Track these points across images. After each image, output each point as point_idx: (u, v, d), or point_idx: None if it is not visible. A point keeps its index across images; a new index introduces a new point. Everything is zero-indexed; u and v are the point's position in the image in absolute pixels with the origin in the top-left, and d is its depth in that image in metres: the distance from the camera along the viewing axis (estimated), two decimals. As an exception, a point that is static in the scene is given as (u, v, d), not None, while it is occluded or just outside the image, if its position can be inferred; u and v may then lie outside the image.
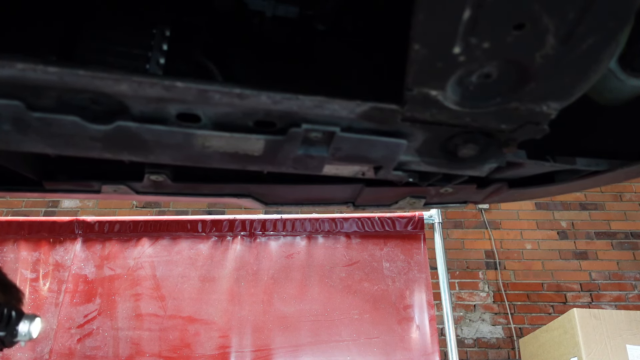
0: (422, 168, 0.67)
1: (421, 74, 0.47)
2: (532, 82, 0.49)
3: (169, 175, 0.77)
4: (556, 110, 0.53)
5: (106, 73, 0.48)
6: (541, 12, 0.41)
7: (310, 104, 0.52)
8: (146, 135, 0.56)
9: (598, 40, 0.44)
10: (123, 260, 2.44)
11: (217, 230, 2.52)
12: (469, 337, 3.82)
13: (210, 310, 2.32)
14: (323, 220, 2.52)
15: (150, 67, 0.59)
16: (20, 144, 0.58)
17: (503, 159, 0.65)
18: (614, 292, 3.99)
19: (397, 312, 2.31)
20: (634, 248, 4.19)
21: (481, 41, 0.44)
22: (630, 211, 4.37)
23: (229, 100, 0.51)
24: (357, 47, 0.67)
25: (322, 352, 2.23)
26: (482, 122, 0.55)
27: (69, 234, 2.50)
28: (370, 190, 0.84)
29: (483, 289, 4.01)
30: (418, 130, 0.58)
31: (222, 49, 0.68)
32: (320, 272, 2.41)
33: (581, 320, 2.65)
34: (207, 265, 2.43)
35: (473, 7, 0.40)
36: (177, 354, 2.22)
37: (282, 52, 0.69)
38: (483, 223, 4.28)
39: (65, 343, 2.23)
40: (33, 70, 0.47)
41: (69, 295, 2.34)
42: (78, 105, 0.53)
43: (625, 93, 0.62)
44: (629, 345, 2.56)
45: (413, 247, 2.47)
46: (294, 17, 0.63)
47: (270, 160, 0.63)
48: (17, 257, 2.42)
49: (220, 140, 0.57)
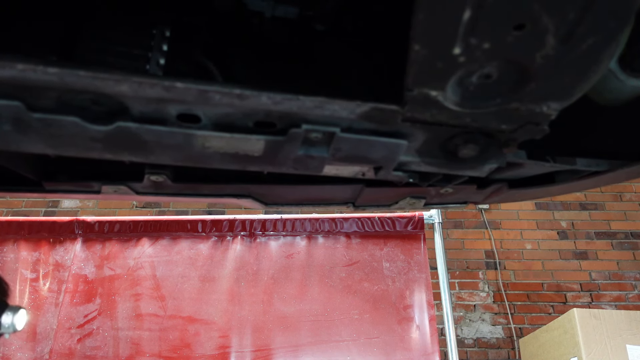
0: (422, 168, 0.67)
1: (421, 75, 0.47)
2: (532, 82, 0.49)
3: (169, 175, 0.77)
4: (556, 111, 0.53)
5: (106, 74, 0.48)
6: (541, 12, 0.41)
7: (310, 105, 0.52)
8: (146, 135, 0.56)
9: (598, 41, 0.44)
10: (123, 260, 2.44)
11: (217, 230, 2.52)
12: (469, 337, 3.82)
13: (210, 310, 2.32)
14: (323, 220, 2.52)
15: (150, 67, 0.59)
16: (20, 144, 0.58)
17: (503, 159, 0.65)
18: (614, 292, 3.99)
19: (397, 312, 2.31)
20: (634, 248, 4.19)
21: (481, 41, 0.44)
22: (630, 211, 4.37)
23: (229, 100, 0.51)
24: (357, 47, 0.67)
25: (322, 352, 2.23)
26: (482, 122, 0.55)
27: (69, 234, 2.50)
28: (371, 191, 0.84)
29: (483, 289, 4.01)
30: (418, 130, 0.58)
31: (222, 49, 0.68)
32: (320, 272, 2.41)
33: (581, 320, 2.65)
34: (207, 265, 2.43)
35: (473, 7, 0.40)
36: (177, 354, 2.22)
37: (282, 53, 0.69)
38: (483, 223, 4.28)
39: (65, 343, 2.23)
40: (33, 70, 0.47)
41: (69, 295, 2.34)
42: (78, 105, 0.53)
43: (625, 93, 0.62)
44: (629, 345, 2.56)
45: (413, 247, 2.47)
46: (294, 18, 0.63)
47: (270, 161, 0.63)
48: (17, 257, 2.42)
49: (221, 141, 0.57)
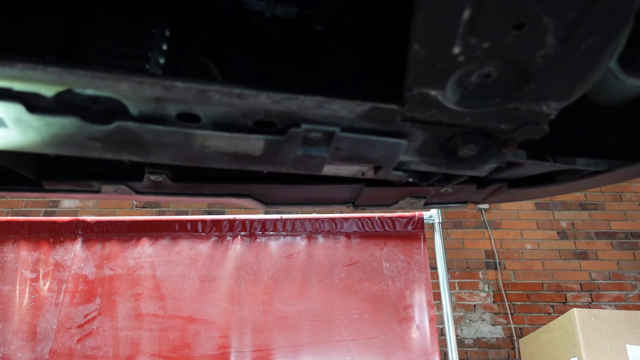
0: (422, 168, 0.67)
1: (421, 74, 0.47)
2: (532, 82, 0.49)
3: (169, 175, 0.77)
4: (556, 110, 0.53)
5: (106, 73, 0.48)
6: (541, 12, 0.41)
7: (310, 104, 0.52)
8: (146, 135, 0.56)
9: (598, 40, 0.44)
10: (123, 260, 2.44)
11: (217, 230, 2.52)
12: (469, 337, 3.82)
13: (210, 310, 2.32)
14: (323, 220, 2.52)
15: (150, 67, 0.59)
16: (20, 144, 0.58)
17: (503, 159, 0.65)
18: (614, 292, 3.99)
19: (397, 312, 2.31)
20: (634, 248, 4.19)
21: (481, 41, 0.44)
22: (630, 211, 4.37)
23: (229, 100, 0.51)
24: (357, 47, 0.67)
25: (322, 352, 2.23)
26: (482, 122, 0.55)
27: (69, 234, 2.50)
28: (370, 190, 0.84)
29: (483, 289, 4.01)
30: (418, 130, 0.58)
31: (222, 49, 0.68)
32: (320, 272, 2.41)
33: (581, 320, 2.65)
34: (207, 265, 2.43)
35: (473, 7, 0.40)
36: (177, 354, 2.22)
37: (282, 52, 0.69)
38: (483, 223, 4.28)
39: (65, 343, 2.23)
40: (33, 70, 0.47)
41: (69, 295, 2.34)
42: (78, 105, 0.53)
43: (625, 93, 0.62)
44: (629, 345, 2.56)
45: (413, 247, 2.47)
46: (293, 18, 0.63)
47: (270, 160, 0.63)
48: (17, 257, 2.42)
49: (220, 140, 0.57)
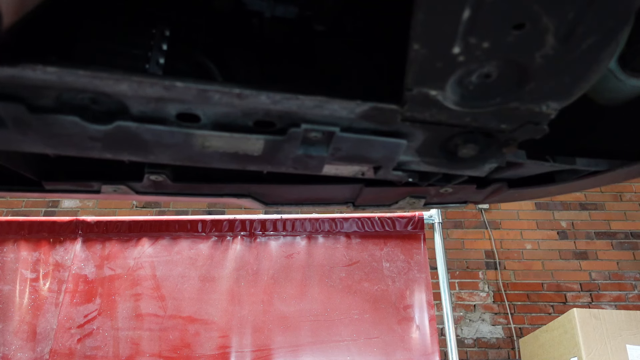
0: (422, 168, 0.67)
1: (421, 74, 0.47)
2: (532, 82, 0.49)
3: (168, 175, 0.77)
4: (556, 110, 0.53)
5: (106, 73, 0.48)
6: (541, 12, 0.41)
7: (310, 104, 0.52)
8: (146, 135, 0.56)
9: (598, 40, 0.44)
10: (123, 260, 2.44)
11: (217, 230, 2.52)
12: (469, 337, 3.82)
13: (210, 310, 2.32)
14: (323, 220, 2.52)
15: (150, 67, 0.59)
16: (20, 144, 0.58)
17: (503, 159, 0.65)
18: (614, 292, 3.99)
19: (397, 312, 2.31)
20: (634, 248, 4.19)
21: (481, 41, 0.44)
22: (630, 211, 4.37)
23: (229, 100, 0.51)
24: (357, 47, 0.67)
25: (322, 352, 2.23)
26: (482, 122, 0.55)
27: (69, 234, 2.50)
28: (370, 190, 0.84)
29: (483, 289, 4.01)
30: (418, 130, 0.58)
31: (222, 49, 0.68)
32: (320, 272, 2.41)
33: (581, 320, 2.65)
34: (207, 265, 2.43)
35: (473, 7, 0.40)
36: (177, 354, 2.22)
37: (282, 52, 0.69)
38: (483, 223, 4.28)
39: (65, 343, 2.23)
40: (32, 70, 0.47)
41: (69, 295, 2.34)
42: (78, 105, 0.53)
43: (625, 93, 0.62)
44: (629, 345, 2.56)
45: (413, 247, 2.47)
46: (293, 17, 0.63)
47: (270, 160, 0.63)
48: (17, 257, 2.42)
49: (220, 140, 0.57)
